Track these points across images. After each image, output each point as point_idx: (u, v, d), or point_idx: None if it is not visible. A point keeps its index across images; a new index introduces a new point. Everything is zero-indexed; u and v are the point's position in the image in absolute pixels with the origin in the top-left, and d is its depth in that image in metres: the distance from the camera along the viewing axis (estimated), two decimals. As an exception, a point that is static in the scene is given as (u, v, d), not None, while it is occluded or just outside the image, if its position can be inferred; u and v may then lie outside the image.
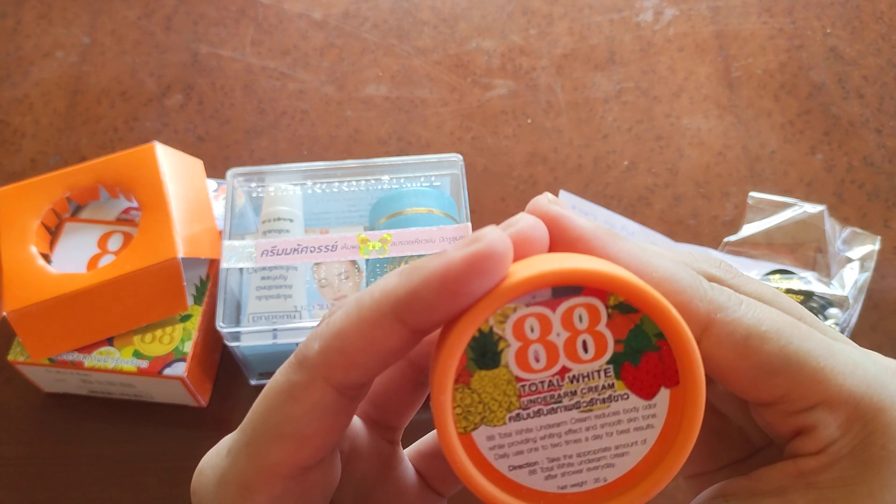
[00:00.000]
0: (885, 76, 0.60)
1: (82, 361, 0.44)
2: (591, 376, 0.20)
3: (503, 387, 0.20)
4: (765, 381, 0.20)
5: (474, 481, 0.19)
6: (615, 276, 0.19)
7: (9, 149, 0.59)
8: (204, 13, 0.65)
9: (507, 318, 0.19)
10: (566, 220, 0.21)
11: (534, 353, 0.20)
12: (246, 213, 0.49)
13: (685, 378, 0.19)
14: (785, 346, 0.20)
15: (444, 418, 0.19)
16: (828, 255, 0.51)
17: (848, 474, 0.20)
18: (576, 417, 0.20)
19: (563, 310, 0.19)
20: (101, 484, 0.46)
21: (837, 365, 0.20)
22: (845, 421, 0.20)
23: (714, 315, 0.20)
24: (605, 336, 0.20)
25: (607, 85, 0.61)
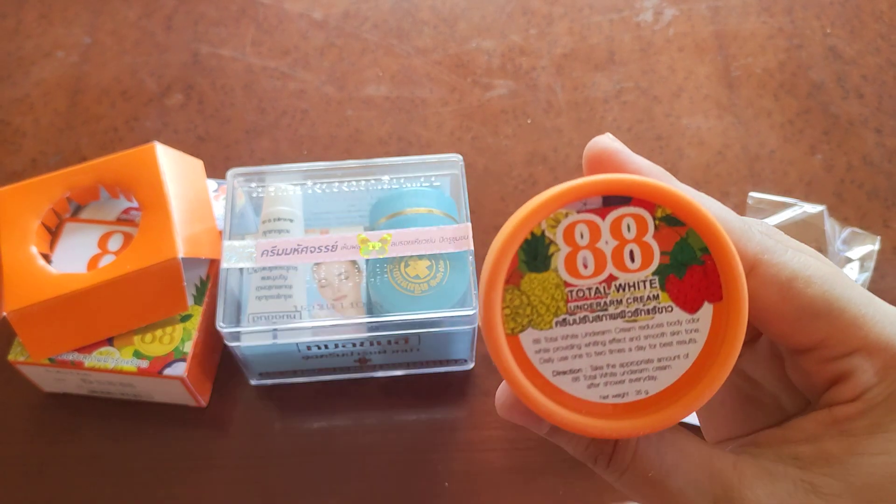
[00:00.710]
0: (884, 75, 0.60)
1: (82, 361, 0.44)
2: (637, 286, 0.20)
3: (551, 290, 0.20)
4: (807, 323, 0.21)
5: (519, 383, 0.20)
6: (663, 188, 0.19)
7: (9, 148, 0.59)
8: (204, 13, 0.65)
9: (558, 222, 0.20)
10: (625, 156, 0.21)
11: (582, 259, 0.20)
12: (246, 214, 0.49)
13: (729, 293, 0.20)
14: (828, 291, 0.20)
15: (492, 317, 0.20)
16: (827, 254, 0.51)
17: (883, 420, 0.20)
18: (620, 327, 0.20)
19: (612, 218, 0.20)
20: (101, 484, 0.46)
21: (878, 314, 0.21)
22: (882, 368, 0.20)
23: (761, 256, 0.21)
24: (652, 247, 0.20)
25: (607, 85, 0.61)
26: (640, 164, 0.21)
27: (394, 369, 0.49)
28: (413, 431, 0.48)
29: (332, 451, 0.47)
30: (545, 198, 0.19)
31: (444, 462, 0.47)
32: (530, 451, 0.47)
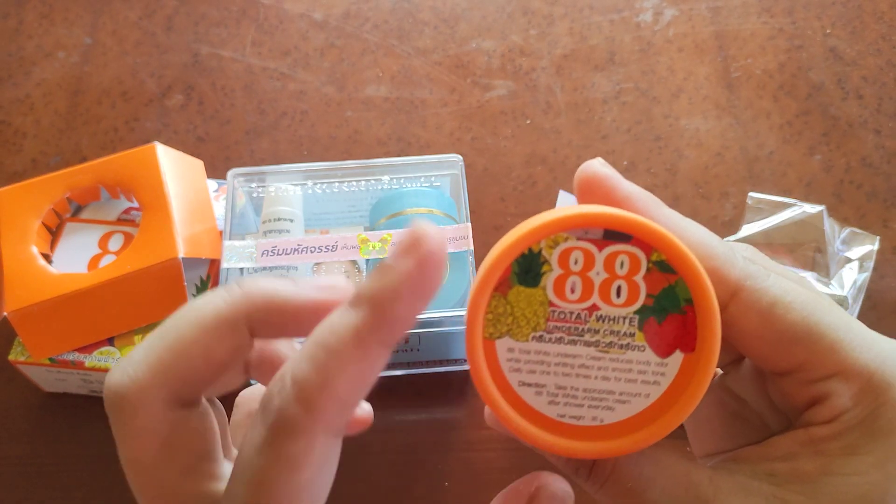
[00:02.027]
0: (884, 77, 0.60)
1: (83, 361, 0.45)
2: (617, 321, 0.21)
3: (535, 306, 0.21)
4: (786, 348, 0.21)
5: (485, 386, 0.21)
6: (665, 235, 0.20)
7: (10, 149, 0.59)
8: (205, 14, 0.65)
9: (557, 244, 0.21)
10: (615, 182, 0.22)
11: (571, 284, 0.21)
12: (246, 214, 0.49)
13: (702, 347, 0.20)
14: (808, 317, 0.21)
15: (475, 319, 0.20)
16: (827, 255, 0.51)
17: (856, 443, 0.21)
18: (592, 355, 0.21)
19: (608, 252, 0.21)
20: (102, 483, 0.46)
21: (855, 339, 0.21)
22: (858, 392, 0.21)
23: (744, 282, 0.21)
24: (640, 287, 0.21)
25: (607, 85, 0.61)
26: (630, 191, 0.22)
27: (394, 369, 0.49)
28: (413, 431, 0.48)
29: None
30: (549, 219, 0.20)
31: (444, 462, 0.47)
32: (530, 451, 0.47)
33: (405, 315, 0.19)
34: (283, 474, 0.19)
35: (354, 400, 0.19)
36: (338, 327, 0.19)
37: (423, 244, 0.18)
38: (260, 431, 0.19)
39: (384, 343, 0.19)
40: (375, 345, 0.19)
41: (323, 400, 0.18)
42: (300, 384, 0.18)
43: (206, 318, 0.20)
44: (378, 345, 0.19)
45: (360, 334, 0.18)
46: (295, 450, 0.18)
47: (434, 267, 0.18)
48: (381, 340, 0.19)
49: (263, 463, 0.19)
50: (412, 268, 0.18)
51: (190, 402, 0.21)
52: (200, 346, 0.20)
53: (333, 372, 0.18)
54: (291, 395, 0.19)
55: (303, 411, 0.18)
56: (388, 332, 0.19)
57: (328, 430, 0.19)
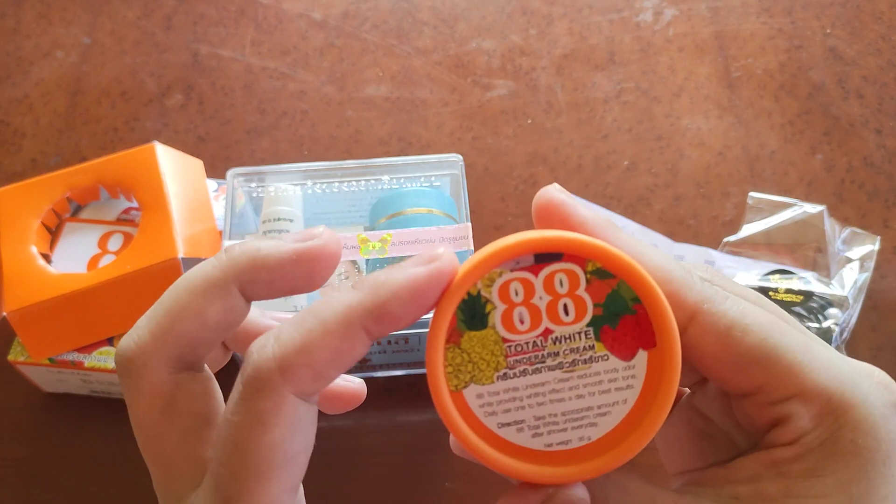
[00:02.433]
0: (884, 76, 0.60)
1: (83, 361, 0.44)
2: (573, 338, 0.21)
3: (491, 347, 0.21)
4: (744, 370, 0.21)
5: (465, 437, 0.21)
6: (592, 244, 0.20)
7: (9, 149, 0.59)
8: (204, 13, 0.65)
9: (493, 281, 0.21)
10: (570, 208, 0.22)
11: (518, 315, 0.21)
12: (246, 214, 0.49)
13: (661, 340, 0.20)
14: (765, 339, 0.21)
15: (436, 376, 0.20)
16: (827, 255, 0.51)
17: (818, 465, 0.21)
18: (559, 377, 0.21)
19: (544, 275, 0.21)
20: (102, 484, 0.46)
21: (813, 361, 0.21)
22: (818, 414, 0.21)
23: (701, 305, 0.21)
24: (585, 300, 0.21)
25: (607, 85, 0.61)
26: (585, 216, 0.22)
27: (394, 369, 0.49)
28: (414, 432, 0.48)
29: (332, 451, 0.47)
30: (478, 259, 0.20)
31: (445, 462, 0.46)
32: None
33: (397, 313, 0.20)
34: (254, 432, 0.19)
35: (328, 373, 0.20)
36: (332, 300, 0.20)
37: (440, 262, 0.20)
38: (237, 387, 0.20)
39: (369, 331, 0.20)
40: (360, 329, 0.20)
41: (298, 363, 0.19)
42: (281, 343, 0.19)
43: (197, 284, 0.21)
44: (362, 330, 0.20)
45: (350, 313, 0.19)
46: (264, 407, 0.19)
47: (440, 281, 0.20)
48: (367, 328, 0.20)
49: (238, 420, 0.19)
50: (421, 275, 0.20)
51: (191, 365, 0.22)
52: (193, 309, 0.21)
53: (315, 339, 0.19)
54: (270, 352, 0.19)
55: (276, 370, 0.19)
56: (375, 322, 0.19)
57: (298, 393, 0.19)
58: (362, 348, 0.20)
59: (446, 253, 0.20)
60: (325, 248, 0.21)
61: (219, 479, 0.20)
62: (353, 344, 0.20)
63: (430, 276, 0.20)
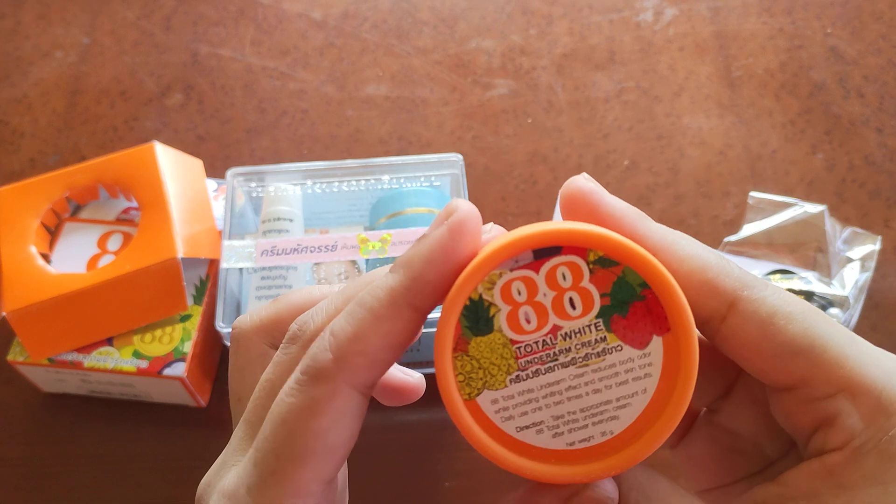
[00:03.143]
0: (885, 76, 0.60)
1: (82, 361, 0.44)
2: (583, 331, 0.20)
3: (500, 350, 0.20)
4: (788, 361, 0.20)
5: (485, 445, 0.20)
6: (590, 232, 0.20)
7: (8, 149, 0.58)
8: (203, 13, 0.65)
9: (494, 284, 0.20)
10: (598, 197, 0.22)
11: (524, 315, 0.20)
12: (246, 213, 0.49)
13: (675, 323, 0.20)
14: (809, 328, 0.20)
15: (448, 387, 0.20)
16: (828, 254, 0.51)
17: (876, 471, 0.19)
18: (574, 374, 0.20)
19: (545, 270, 0.20)
20: (101, 484, 0.46)
21: (861, 354, 0.20)
22: (869, 412, 0.20)
23: (741, 292, 0.20)
24: (591, 291, 0.20)
25: (608, 84, 0.60)
26: (615, 207, 0.21)
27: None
28: (414, 431, 0.48)
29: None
30: (476, 263, 0.20)
31: (445, 461, 0.46)
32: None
33: (436, 278, 0.20)
34: (303, 416, 0.20)
35: (383, 358, 0.20)
36: (375, 288, 0.20)
37: (455, 214, 0.20)
38: (295, 374, 0.20)
39: (416, 306, 0.20)
40: (407, 307, 0.20)
41: (352, 352, 0.20)
42: (335, 335, 0.20)
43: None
44: (409, 307, 0.20)
45: (394, 294, 0.20)
46: (318, 394, 0.20)
47: (463, 232, 0.20)
48: (412, 303, 0.20)
49: (290, 402, 0.20)
50: (444, 233, 0.20)
51: None
52: None
53: (366, 328, 0.20)
54: (325, 344, 0.20)
55: (332, 360, 0.20)
56: (419, 294, 0.20)
57: (353, 383, 0.20)
58: (413, 327, 0.20)
59: (461, 202, 0.20)
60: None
61: (259, 453, 0.20)
62: (404, 324, 0.20)
63: (453, 231, 0.20)
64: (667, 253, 0.21)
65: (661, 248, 0.21)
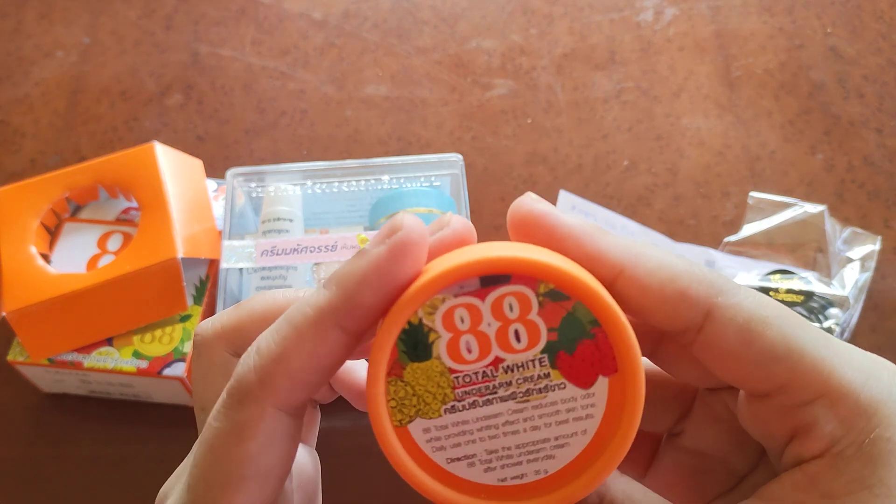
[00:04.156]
0: (885, 76, 0.60)
1: (81, 362, 0.44)
2: (526, 366, 0.19)
3: (436, 378, 0.19)
4: (767, 367, 0.20)
5: (412, 475, 0.19)
6: (542, 263, 0.18)
7: (8, 149, 0.59)
8: (204, 13, 0.65)
9: (435, 309, 0.19)
10: (552, 219, 0.20)
11: (465, 344, 0.19)
12: (246, 213, 0.49)
13: (623, 365, 0.19)
14: (787, 333, 0.19)
15: (378, 411, 0.19)
16: (828, 255, 0.51)
17: (861, 475, 0.19)
18: (512, 408, 0.20)
19: (492, 299, 0.19)
20: (101, 484, 0.46)
21: (837, 356, 0.20)
22: (848, 416, 0.19)
23: (715, 298, 0.20)
24: (538, 325, 0.19)
25: (607, 84, 0.60)
26: (571, 227, 0.20)
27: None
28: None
29: (331, 452, 0.47)
30: (416, 287, 0.18)
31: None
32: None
33: (370, 302, 0.18)
34: (230, 441, 0.19)
35: (309, 380, 0.19)
36: (304, 304, 0.19)
37: (398, 232, 0.18)
38: (222, 395, 0.20)
39: (344, 328, 0.19)
40: (334, 328, 0.18)
41: (277, 373, 0.19)
42: (260, 353, 0.19)
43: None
44: (337, 328, 0.18)
45: (321, 314, 0.19)
46: (243, 417, 0.19)
47: (405, 254, 0.18)
48: (341, 324, 0.18)
49: (217, 426, 0.19)
50: (382, 253, 0.18)
51: None
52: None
53: (291, 347, 0.19)
54: (251, 363, 0.19)
55: (256, 380, 0.19)
56: (348, 315, 0.18)
57: (279, 405, 0.19)
58: (341, 350, 0.19)
59: (407, 220, 0.18)
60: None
61: (192, 479, 0.20)
62: (329, 346, 0.19)
63: (393, 251, 0.18)
64: (633, 268, 0.20)
65: (625, 264, 0.20)
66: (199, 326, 0.23)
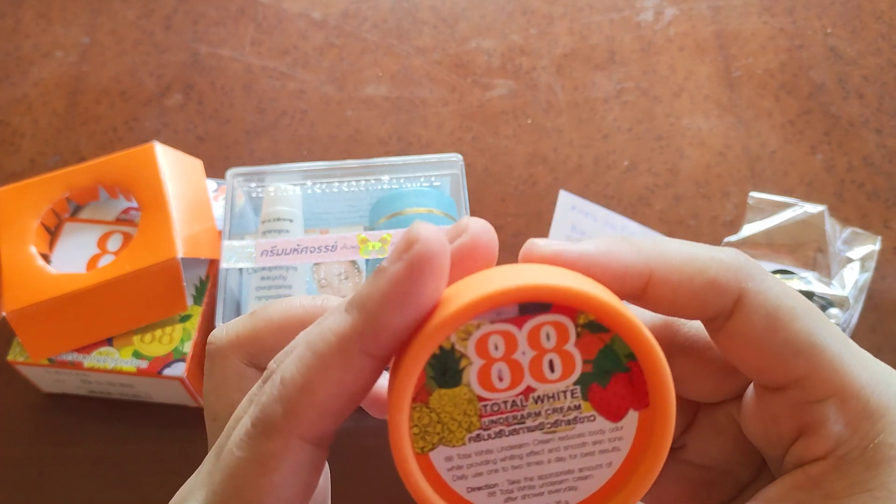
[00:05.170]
0: (885, 76, 0.60)
1: (82, 362, 0.44)
2: (557, 397, 0.19)
3: (463, 406, 0.19)
4: (788, 359, 0.20)
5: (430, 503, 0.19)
6: (586, 294, 0.18)
7: (8, 149, 0.58)
8: (203, 13, 0.65)
9: (469, 335, 0.18)
10: (568, 255, 0.20)
11: (497, 372, 0.19)
12: (246, 214, 0.49)
13: (655, 400, 0.19)
14: (811, 327, 0.19)
15: (400, 438, 0.18)
16: (828, 255, 0.51)
17: (863, 478, 0.19)
18: (539, 439, 0.19)
19: (529, 327, 0.19)
20: (101, 484, 0.46)
21: (853, 357, 0.20)
22: (854, 418, 0.19)
23: (745, 283, 0.20)
24: (574, 356, 0.19)
25: (607, 85, 0.60)
26: (590, 253, 0.20)
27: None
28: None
29: (334, 453, 0.47)
30: (452, 311, 0.18)
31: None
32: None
33: (394, 323, 0.17)
34: (253, 472, 0.18)
35: (336, 410, 0.18)
36: (326, 331, 0.18)
37: (415, 246, 0.17)
38: (245, 422, 0.19)
39: (370, 353, 0.18)
40: (360, 354, 0.18)
41: (302, 404, 0.18)
42: (285, 384, 0.18)
43: None
44: (363, 354, 0.18)
45: (345, 341, 0.18)
46: (268, 450, 0.18)
47: (425, 270, 0.17)
48: (367, 349, 0.18)
49: (240, 456, 0.19)
50: (401, 271, 0.17)
51: None
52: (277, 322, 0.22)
53: (315, 376, 0.18)
54: (276, 393, 0.18)
55: (281, 412, 0.18)
56: (373, 340, 0.18)
57: (305, 437, 0.18)
58: (369, 374, 0.18)
59: (423, 231, 0.17)
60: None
61: None
62: (356, 373, 0.18)
63: (412, 269, 0.17)
64: (660, 269, 0.20)
65: (653, 267, 0.20)
66: (212, 335, 0.23)
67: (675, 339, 0.23)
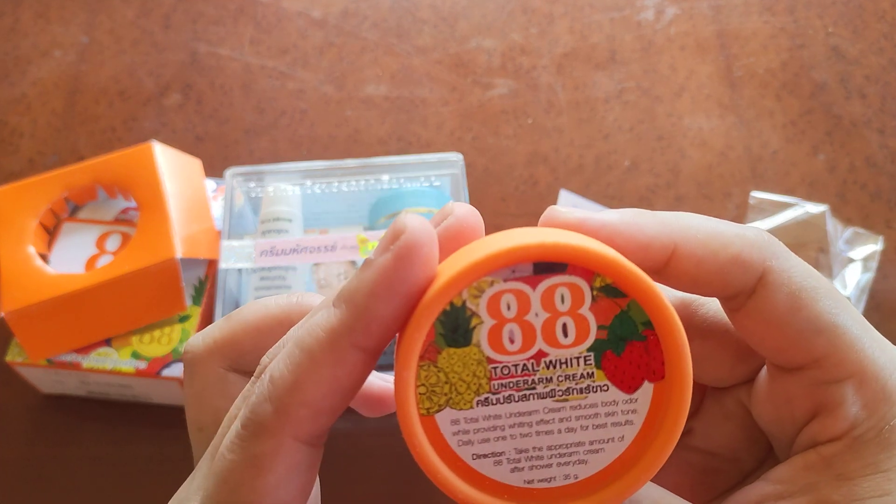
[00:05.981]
0: (887, 76, 0.60)
1: (80, 362, 0.44)
2: (570, 363, 0.18)
3: (473, 367, 0.18)
4: (809, 338, 0.19)
5: (434, 469, 0.18)
6: (603, 255, 0.17)
7: (6, 149, 0.58)
8: (202, 12, 0.64)
9: (482, 292, 0.18)
10: (591, 223, 0.19)
11: (508, 334, 0.18)
12: (245, 214, 0.49)
13: (672, 372, 0.18)
14: (833, 307, 0.19)
15: (405, 397, 0.18)
16: (830, 255, 0.51)
17: (877, 459, 0.19)
18: (549, 407, 0.18)
19: (543, 288, 0.18)
20: (100, 485, 0.46)
21: (873, 340, 0.20)
22: (871, 400, 0.19)
23: (769, 261, 0.19)
24: (588, 320, 0.18)
25: (608, 84, 0.60)
26: (613, 222, 0.19)
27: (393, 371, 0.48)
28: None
29: (333, 454, 0.47)
30: (465, 266, 0.17)
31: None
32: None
33: (384, 313, 0.17)
34: (247, 475, 0.18)
35: (329, 407, 0.18)
36: (314, 327, 0.18)
37: (403, 236, 0.17)
38: (235, 425, 0.18)
39: (361, 346, 0.17)
40: (351, 348, 0.17)
41: (294, 403, 0.18)
42: (274, 383, 0.18)
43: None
44: (354, 348, 0.17)
45: (335, 335, 0.17)
46: (261, 451, 0.18)
47: (413, 260, 0.17)
48: (357, 343, 0.17)
49: (232, 458, 0.18)
50: (389, 262, 0.17)
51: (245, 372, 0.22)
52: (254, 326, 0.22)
53: (305, 374, 0.17)
54: (265, 393, 0.18)
55: (272, 412, 0.18)
56: (364, 333, 0.17)
57: (298, 436, 0.18)
58: (361, 368, 0.18)
59: (410, 221, 0.17)
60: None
61: None
62: (348, 368, 0.18)
63: (400, 258, 0.17)
64: (685, 242, 0.19)
65: (677, 240, 0.19)
66: (188, 343, 0.22)
67: (692, 320, 0.22)
